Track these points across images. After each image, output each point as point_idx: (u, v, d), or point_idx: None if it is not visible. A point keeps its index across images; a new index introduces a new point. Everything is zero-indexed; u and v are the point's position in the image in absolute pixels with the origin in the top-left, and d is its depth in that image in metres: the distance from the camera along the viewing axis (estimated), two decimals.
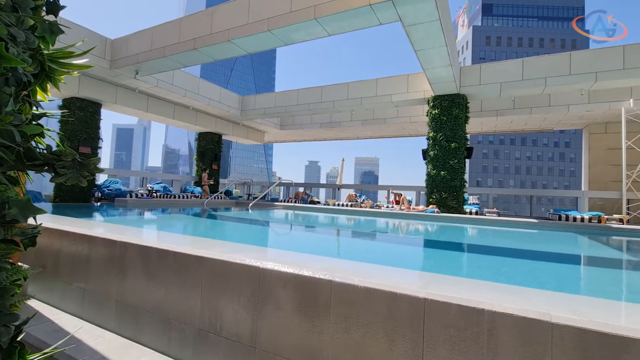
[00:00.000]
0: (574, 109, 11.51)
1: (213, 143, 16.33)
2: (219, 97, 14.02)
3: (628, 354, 1.16)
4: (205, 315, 2.15)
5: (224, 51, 8.42)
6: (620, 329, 1.19)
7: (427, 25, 6.77)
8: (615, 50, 8.83)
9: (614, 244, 6.63)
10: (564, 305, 1.51)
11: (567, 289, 3.16)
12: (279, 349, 1.87)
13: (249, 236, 6.36)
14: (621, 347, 1.17)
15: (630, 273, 4.19)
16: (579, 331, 1.23)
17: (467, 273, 3.75)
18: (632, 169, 10.86)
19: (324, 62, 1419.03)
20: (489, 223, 9.00)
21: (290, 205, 12.24)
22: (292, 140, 21.63)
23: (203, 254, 2.22)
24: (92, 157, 1.24)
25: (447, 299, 1.47)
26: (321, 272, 1.82)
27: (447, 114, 10.47)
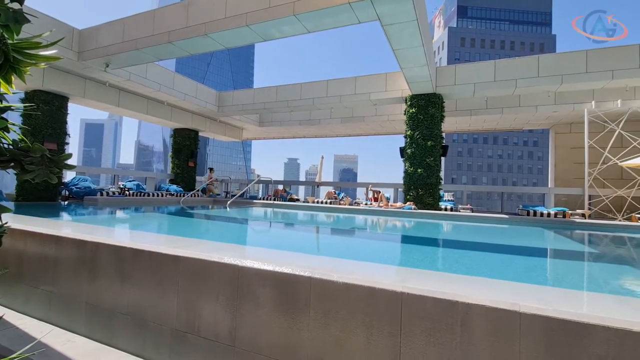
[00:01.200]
0: (541, 110, 12.09)
1: (189, 140, 15.90)
2: (195, 93, 13.66)
3: (588, 338, 1.24)
4: (182, 315, 2.11)
5: (200, 45, 8.21)
6: (581, 317, 1.27)
7: (405, 25, 6.88)
8: (579, 55, 9.34)
9: (577, 238, 7.05)
10: (531, 295, 1.59)
11: (535, 280, 3.34)
12: (258, 347, 1.86)
13: (227, 234, 6.26)
14: (582, 333, 1.25)
15: (591, 264, 4.48)
16: (545, 319, 1.31)
17: (442, 267, 3.88)
18: (593, 167, 11.56)
19: (303, 59, 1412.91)
20: (463, 219, 9.32)
21: (269, 203, 12.16)
22: (271, 138, 21.44)
23: (180, 253, 2.17)
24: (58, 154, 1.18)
25: (423, 293, 1.52)
26: (301, 269, 1.83)
27: (424, 112, 10.72)
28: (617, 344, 1.21)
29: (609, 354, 1.21)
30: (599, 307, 1.56)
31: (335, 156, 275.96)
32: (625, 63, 8.83)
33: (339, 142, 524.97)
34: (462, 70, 10.70)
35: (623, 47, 8.99)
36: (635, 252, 5.84)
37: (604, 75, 9.01)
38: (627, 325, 1.21)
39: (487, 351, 1.38)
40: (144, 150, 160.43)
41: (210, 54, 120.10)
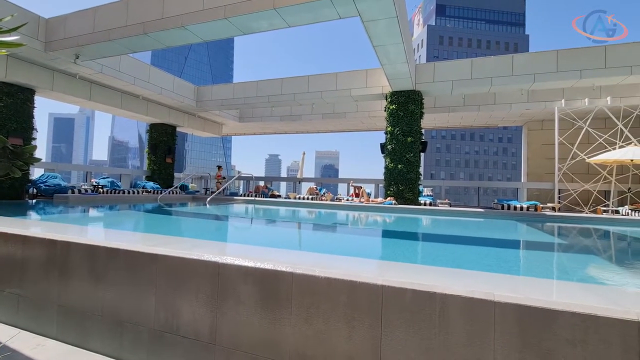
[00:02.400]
0: (515, 107, 12.54)
1: (166, 135, 15.45)
2: (172, 87, 13.26)
3: (556, 324, 1.31)
4: (160, 314, 2.06)
5: (177, 38, 7.95)
6: (550, 304, 1.34)
7: (385, 21, 6.93)
8: (550, 55, 9.72)
9: (547, 230, 7.39)
10: (505, 285, 1.66)
11: (509, 270, 3.48)
12: (240, 344, 1.85)
13: (207, 232, 6.15)
14: (551, 319, 1.32)
15: (560, 255, 4.71)
16: (517, 307, 1.36)
17: (421, 260, 3.97)
18: (563, 162, 12.12)
19: (284, 54, 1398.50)
20: (441, 213, 9.56)
21: (251, 199, 12.03)
22: (252, 133, 21.16)
23: (157, 251, 2.11)
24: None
25: (402, 285, 1.55)
26: (282, 264, 1.82)
27: (404, 109, 10.88)
28: (583, 328, 1.28)
29: (575, 337, 1.28)
30: (567, 295, 1.64)
31: (316, 152, 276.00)
32: (592, 63, 9.28)
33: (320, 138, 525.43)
34: (440, 68, 10.91)
35: (590, 48, 9.43)
36: (599, 242, 6.19)
37: (573, 74, 9.43)
38: (591, 311, 1.28)
39: (464, 339, 1.43)
40: (119, 146, 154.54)
41: (188, 47, 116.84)
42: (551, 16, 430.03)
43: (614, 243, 6.19)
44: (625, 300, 1.60)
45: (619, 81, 9.55)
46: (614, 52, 9.11)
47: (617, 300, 1.49)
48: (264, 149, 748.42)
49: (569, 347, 1.29)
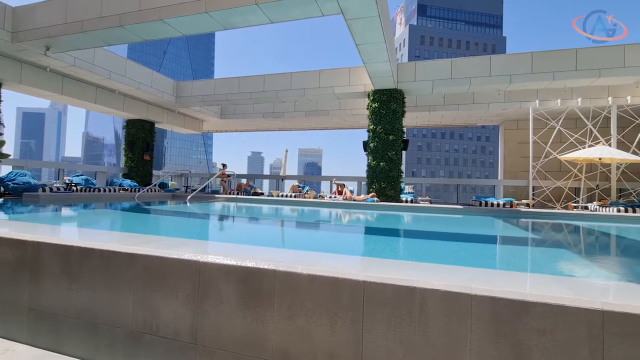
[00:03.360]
0: (492, 107, 12.93)
1: (144, 131, 14.99)
2: (150, 81, 12.86)
3: (528, 314, 1.37)
4: (139, 315, 2.01)
5: (155, 31, 7.72)
6: (523, 295, 1.40)
7: (367, 20, 6.98)
8: (525, 57, 10.07)
9: (522, 225, 7.68)
10: (482, 278, 1.72)
11: (486, 264, 3.60)
12: (221, 343, 1.83)
13: (188, 230, 6.04)
14: (523, 310, 1.38)
15: (534, 249, 4.91)
16: (493, 299, 1.42)
17: (402, 256, 4.05)
18: (537, 160, 12.61)
19: (267, 50, 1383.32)
20: (422, 210, 9.76)
21: (232, 197, 11.87)
22: (234, 130, 20.85)
23: (135, 250, 2.06)
24: None
25: (384, 280, 1.58)
26: (265, 262, 1.81)
27: (386, 107, 11.00)
28: (553, 318, 1.34)
29: (546, 327, 1.34)
30: (539, 287, 1.72)
31: (299, 150, 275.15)
32: (564, 66, 9.68)
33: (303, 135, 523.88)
34: (421, 68, 11.10)
35: (562, 50, 9.83)
36: (570, 237, 6.50)
37: (547, 76, 9.82)
38: (561, 302, 1.34)
39: (442, 331, 1.47)
40: (93, 143, 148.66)
41: (166, 41, 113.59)
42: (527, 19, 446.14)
43: (583, 237, 6.52)
44: (592, 291, 1.69)
45: (588, 83, 10.02)
46: (584, 55, 9.54)
47: (584, 291, 1.57)
48: (246, 146, 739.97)
49: (540, 336, 1.35)
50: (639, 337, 1.26)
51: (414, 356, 1.51)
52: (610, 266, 3.76)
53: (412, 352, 1.51)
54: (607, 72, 9.36)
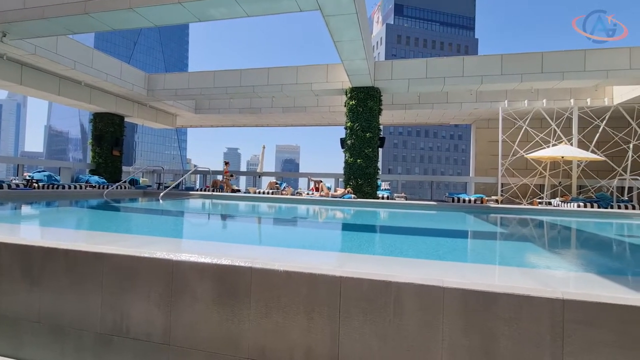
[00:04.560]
0: (465, 107, 13.38)
1: (113, 126, 14.31)
2: (119, 73, 12.28)
3: (496, 305, 1.44)
4: (107, 317, 1.92)
5: (124, 20, 7.37)
6: (491, 287, 1.46)
7: (345, 17, 6.99)
8: (495, 58, 10.48)
9: (491, 220, 8.03)
10: (454, 271, 1.78)
11: (457, 258, 3.73)
12: (196, 343, 1.79)
13: (160, 228, 5.84)
14: (491, 301, 1.44)
15: (502, 243, 5.15)
16: (463, 292, 1.47)
17: (379, 251, 4.12)
18: (505, 159, 13.18)
19: (243, 44, 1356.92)
20: (398, 206, 9.97)
21: (208, 194, 11.60)
22: (209, 126, 20.35)
23: (103, 249, 1.97)
24: None
25: (360, 276, 1.60)
26: (241, 259, 1.79)
27: (363, 105, 11.11)
28: (518, 307, 1.41)
29: (512, 316, 1.42)
30: (506, 278, 1.80)
31: (277, 146, 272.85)
32: (531, 68, 10.16)
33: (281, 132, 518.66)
34: (397, 66, 11.29)
35: (530, 54, 10.31)
36: (535, 231, 6.86)
37: (515, 78, 10.27)
38: (526, 292, 1.42)
39: (416, 323, 1.52)
40: (57, 137, 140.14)
41: (137, 31, 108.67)
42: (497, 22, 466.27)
43: (547, 231, 6.90)
44: (554, 281, 1.79)
45: (552, 85, 10.59)
46: (550, 59, 10.06)
47: (547, 282, 1.66)
48: (222, 141, 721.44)
49: (507, 325, 1.42)
50: (594, 323, 1.35)
51: (388, 348, 1.54)
52: (571, 258, 4.01)
53: (387, 345, 1.54)
54: (569, 75, 9.92)
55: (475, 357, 1.45)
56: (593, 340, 1.35)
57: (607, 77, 9.76)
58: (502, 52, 12.11)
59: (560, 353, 1.37)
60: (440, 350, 1.48)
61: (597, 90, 12.11)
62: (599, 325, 1.34)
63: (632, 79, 10.00)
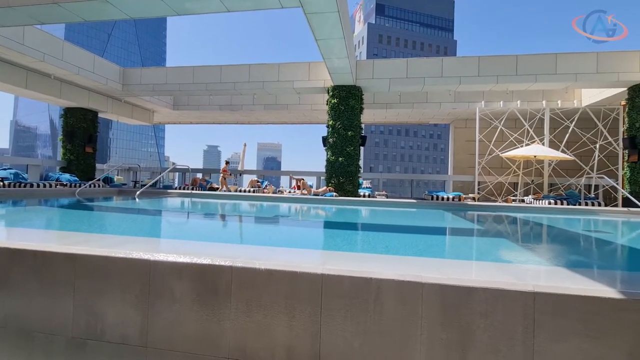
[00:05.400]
0: (444, 106, 13.71)
1: (86, 121, 13.72)
2: (92, 67, 11.78)
3: (472, 299, 1.48)
4: (80, 320, 1.85)
5: (97, 11, 7.07)
6: (467, 282, 1.51)
7: (327, 15, 7.00)
8: (473, 60, 10.79)
9: (468, 217, 8.27)
10: (432, 267, 1.82)
11: (436, 254, 3.83)
12: (174, 344, 1.75)
13: (136, 228, 5.66)
14: (468, 295, 1.49)
15: (479, 239, 5.32)
16: (441, 286, 1.51)
17: (360, 248, 4.16)
18: (482, 157, 13.61)
19: (224, 40, 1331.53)
20: (379, 204, 10.10)
21: (187, 192, 11.35)
22: (188, 122, 19.88)
23: (75, 250, 1.89)
24: None
25: (341, 273, 1.61)
26: (221, 258, 1.76)
27: (345, 104, 11.17)
28: (493, 301, 1.46)
29: (487, 310, 1.47)
30: (482, 273, 1.86)
31: (258, 144, 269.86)
32: (506, 70, 10.52)
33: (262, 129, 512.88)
34: (379, 66, 11.41)
35: (505, 56, 10.67)
36: (509, 227, 7.12)
37: (491, 79, 10.61)
38: (500, 286, 1.47)
39: (396, 319, 1.54)
40: (24, 132, 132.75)
41: (111, 24, 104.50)
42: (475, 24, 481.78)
43: (520, 227, 7.18)
44: (526, 275, 1.87)
45: (526, 87, 11.01)
46: (523, 62, 10.45)
47: (520, 276, 1.73)
48: (201, 139, 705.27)
49: (482, 318, 1.47)
50: (562, 314, 1.42)
51: (369, 344, 1.56)
52: (542, 253, 4.19)
53: (367, 341, 1.56)
54: (542, 78, 10.35)
55: (452, 350, 1.49)
56: (561, 330, 1.42)
57: (576, 80, 10.25)
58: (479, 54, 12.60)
59: (532, 343, 1.43)
60: (419, 344, 1.52)
61: (567, 92, 12.70)
62: (566, 315, 1.41)
63: (599, 83, 10.55)
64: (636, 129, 10.04)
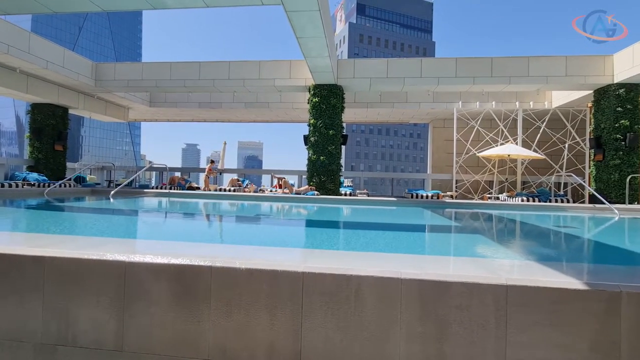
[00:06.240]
0: (423, 106, 13.99)
1: (55, 118, 13.07)
2: (62, 61, 11.24)
3: (449, 293, 1.53)
4: (50, 326, 1.77)
5: (67, 3, 6.76)
6: (444, 276, 1.55)
7: (308, 13, 6.98)
8: (450, 61, 11.06)
9: (446, 215, 8.50)
10: (411, 264, 1.86)
11: (415, 250, 3.91)
12: (152, 347, 1.71)
13: (111, 229, 5.47)
14: (445, 289, 1.53)
15: (456, 235, 5.48)
16: (419, 282, 1.55)
17: (341, 246, 4.19)
18: (459, 156, 14.00)
19: (203, 37, 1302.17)
20: (360, 202, 10.20)
21: (165, 192, 11.04)
22: (165, 120, 19.34)
23: (43, 252, 1.80)
24: None
25: (322, 270, 1.62)
26: (200, 258, 1.73)
27: (326, 102, 11.20)
28: (468, 294, 1.52)
29: (462, 303, 1.52)
30: (458, 268, 1.92)
31: (239, 142, 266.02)
32: (482, 72, 10.86)
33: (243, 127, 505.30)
34: (360, 65, 11.51)
35: (481, 58, 11.01)
36: (485, 224, 7.37)
37: (468, 80, 10.92)
38: (475, 280, 1.53)
39: (376, 314, 1.57)
40: None
41: (82, 16, 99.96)
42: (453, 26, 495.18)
43: (495, 224, 7.45)
44: (500, 269, 1.94)
45: (501, 88, 11.41)
46: (498, 64, 10.82)
47: (494, 270, 1.80)
48: (180, 137, 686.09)
49: (458, 311, 1.52)
50: (532, 305, 1.49)
51: (350, 339, 1.58)
52: (515, 247, 4.37)
53: (348, 336, 1.58)
54: (515, 80, 10.75)
55: (429, 342, 1.53)
56: (530, 320, 1.49)
57: (547, 83, 10.71)
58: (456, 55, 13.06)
59: (504, 334, 1.49)
60: (399, 338, 1.55)
61: (538, 94, 13.24)
62: (535, 306, 1.48)
63: (567, 85, 11.07)
64: (601, 129, 10.61)
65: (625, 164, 10.20)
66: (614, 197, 10.09)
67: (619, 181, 10.19)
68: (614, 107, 10.24)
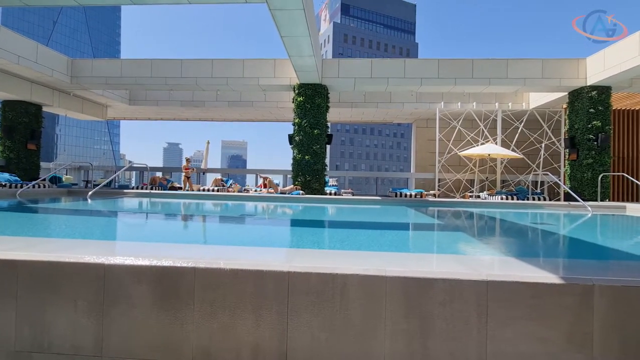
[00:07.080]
0: (406, 106, 14.20)
1: (28, 116, 12.53)
2: (34, 56, 10.77)
3: (432, 290, 1.56)
4: (24, 332, 1.70)
5: None
6: (428, 273, 1.58)
7: (292, 12, 6.95)
8: (433, 62, 11.26)
9: (429, 213, 8.66)
10: (396, 261, 1.88)
11: (399, 248, 3.97)
12: (133, 352, 1.66)
13: (89, 231, 5.29)
14: (429, 286, 1.56)
15: (439, 233, 5.59)
16: (404, 279, 1.57)
17: (326, 245, 4.20)
18: (442, 156, 14.29)
19: (184, 33, 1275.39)
20: (345, 202, 10.25)
21: (145, 192, 10.76)
22: (146, 118, 18.87)
23: (15, 256, 1.73)
24: None
25: (307, 270, 1.62)
26: (183, 260, 1.70)
27: (311, 102, 11.19)
28: (450, 291, 1.55)
29: (445, 299, 1.55)
30: (441, 265, 1.96)
31: (222, 142, 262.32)
32: (463, 73, 11.11)
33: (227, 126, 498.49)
34: (344, 65, 11.56)
35: (462, 60, 11.26)
36: (466, 222, 7.55)
37: (450, 81, 11.15)
38: (457, 276, 1.56)
39: (361, 312, 1.58)
40: None
41: (56, 9, 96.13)
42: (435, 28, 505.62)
43: (476, 221, 7.64)
44: (481, 265, 1.99)
45: (481, 89, 11.70)
46: (478, 66, 11.09)
47: (475, 266, 1.84)
48: (161, 136, 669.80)
49: (441, 307, 1.55)
50: (512, 300, 1.54)
51: (335, 338, 1.59)
52: (496, 244, 4.50)
53: (334, 335, 1.59)
54: (495, 81, 11.06)
55: (413, 339, 1.56)
56: (510, 315, 1.53)
57: (524, 84, 11.07)
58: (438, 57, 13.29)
59: (485, 328, 1.53)
60: (384, 335, 1.57)
61: (516, 95, 13.67)
62: (514, 301, 1.53)
63: (543, 87, 11.48)
64: (575, 130, 11.06)
65: (597, 163, 10.67)
66: (587, 194, 10.54)
67: (592, 179, 10.65)
68: (586, 108, 10.69)
